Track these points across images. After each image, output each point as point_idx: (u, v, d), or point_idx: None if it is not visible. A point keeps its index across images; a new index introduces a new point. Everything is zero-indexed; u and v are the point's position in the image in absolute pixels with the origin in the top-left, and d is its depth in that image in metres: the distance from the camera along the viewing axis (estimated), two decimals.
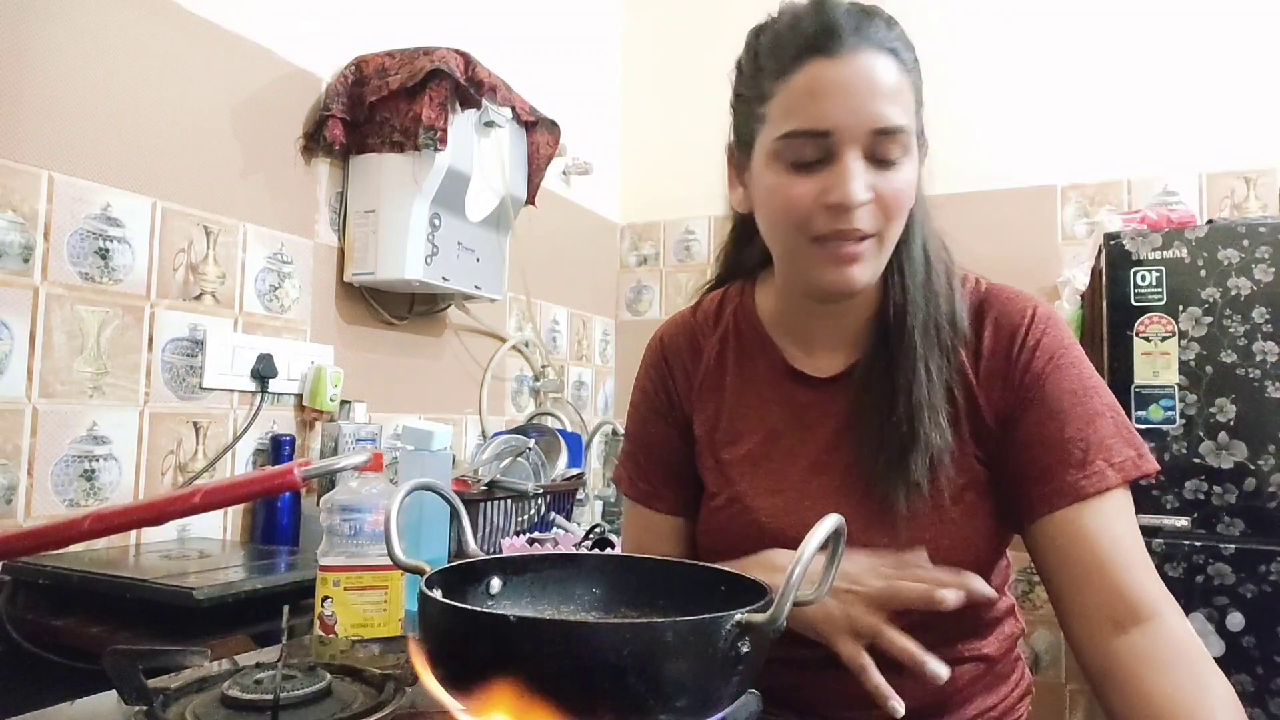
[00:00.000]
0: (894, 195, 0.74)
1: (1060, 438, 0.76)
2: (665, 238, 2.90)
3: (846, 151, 0.72)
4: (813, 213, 0.74)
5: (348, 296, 1.79)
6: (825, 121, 0.72)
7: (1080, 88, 2.35)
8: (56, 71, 1.28)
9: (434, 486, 0.70)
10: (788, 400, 0.87)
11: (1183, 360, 1.72)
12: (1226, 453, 1.68)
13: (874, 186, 0.73)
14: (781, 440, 0.86)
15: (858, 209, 0.73)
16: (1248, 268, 1.68)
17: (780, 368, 0.88)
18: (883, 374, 0.81)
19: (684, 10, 2.88)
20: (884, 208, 0.74)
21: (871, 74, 0.72)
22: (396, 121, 1.66)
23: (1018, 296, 0.83)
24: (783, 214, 0.76)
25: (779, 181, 0.76)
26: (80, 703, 0.67)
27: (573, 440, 1.95)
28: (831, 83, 0.72)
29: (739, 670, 0.51)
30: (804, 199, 0.74)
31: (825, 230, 0.74)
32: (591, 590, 0.68)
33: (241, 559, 1.27)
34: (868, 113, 0.72)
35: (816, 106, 0.72)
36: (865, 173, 0.73)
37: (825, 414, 0.85)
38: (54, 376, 1.27)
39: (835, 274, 0.76)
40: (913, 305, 0.80)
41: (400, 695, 0.65)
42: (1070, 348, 0.79)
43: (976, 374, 0.80)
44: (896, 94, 0.73)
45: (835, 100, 0.72)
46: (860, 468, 0.81)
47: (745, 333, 0.91)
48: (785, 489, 0.84)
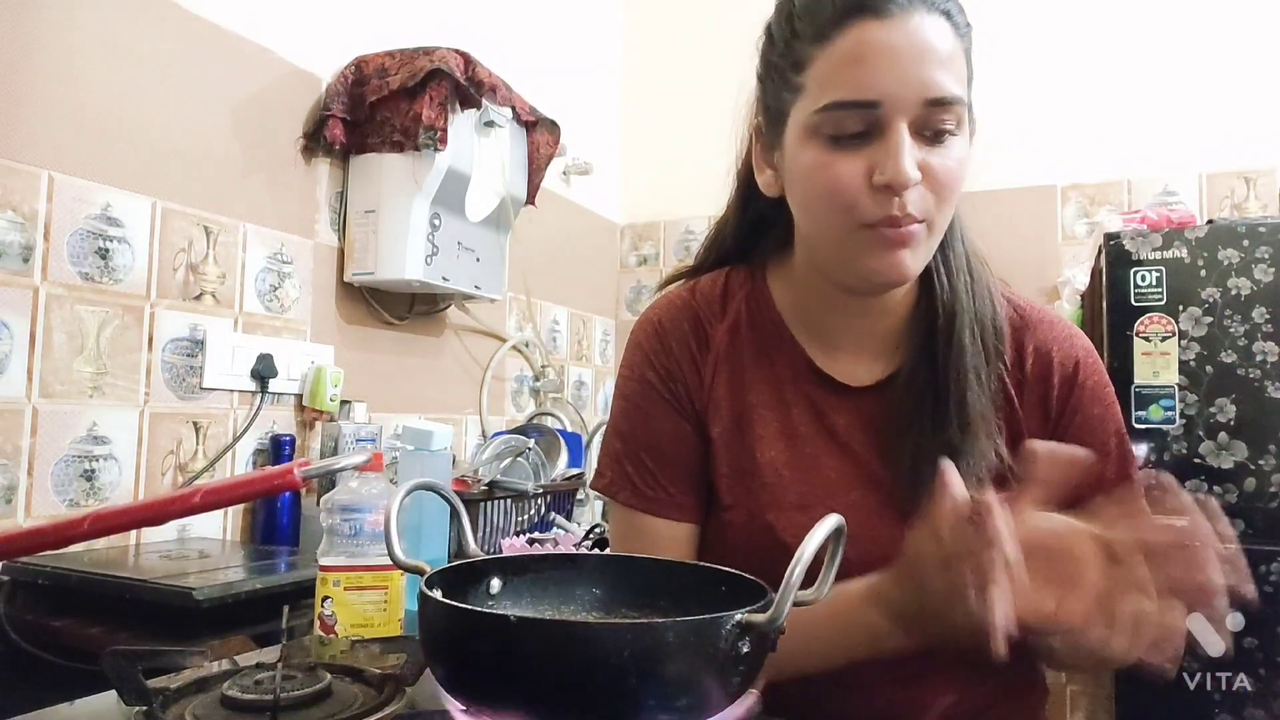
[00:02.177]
0: (946, 174, 0.67)
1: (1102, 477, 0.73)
2: (665, 238, 2.90)
3: (896, 124, 0.64)
4: (859, 194, 0.66)
5: (348, 296, 1.79)
6: (873, 91, 0.64)
7: (1080, 88, 2.35)
8: (56, 71, 1.28)
9: (434, 486, 0.70)
10: (811, 405, 0.79)
11: (1183, 360, 1.72)
12: (1226, 453, 1.68)
13: (925, 164, 0.66)
14: (806, 450, 0.78)
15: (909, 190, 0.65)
16: (1248, 268, 1.68)
17: (803, 369, 0.80)
18: (925, 385, 0.74)
19: (684, 10, 2.88)
20: (935, 188, 0.67)
21: (925, 37, 0.64)
22: (397, 121, 1.66)
23: (1059, 323, 0.80)
24: (825, 196, 0.68)
25: (819, 160, 0.68)
26: (80, 703, 0.66)
27: (573, 440, 1.95)
28: (880, 46, 0.64)
29: (739, 670, 0.51)
30: (850, 179, 0.66)
31: (874, 216, 0.67)
32: (592, 590, 0.68)
33: (241, 559, 1.27)
34: (920, 81, 0.64)
35: (863, 74, 0.64)
36: (915, 149, 0.65)
37: (855, 424, 0.78)
38: (54, 376, 1.26)
39: (885, 260, 0.68)
40: (961, 306, 0.74)
41: (400, 695, 0.65)
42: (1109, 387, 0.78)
43: (1020, 396, 0.76)
44: (950, 60, 0.65)
45: (884, 67, 0.64)
46: (901, 485, 0.73)
47: (762, 326, 0.82)
48: (814, 505, 0.75)
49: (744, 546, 0.77)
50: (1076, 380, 0.76)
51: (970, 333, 0.74)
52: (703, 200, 2.74)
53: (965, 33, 0.69)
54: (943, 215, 0.69)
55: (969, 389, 0.72)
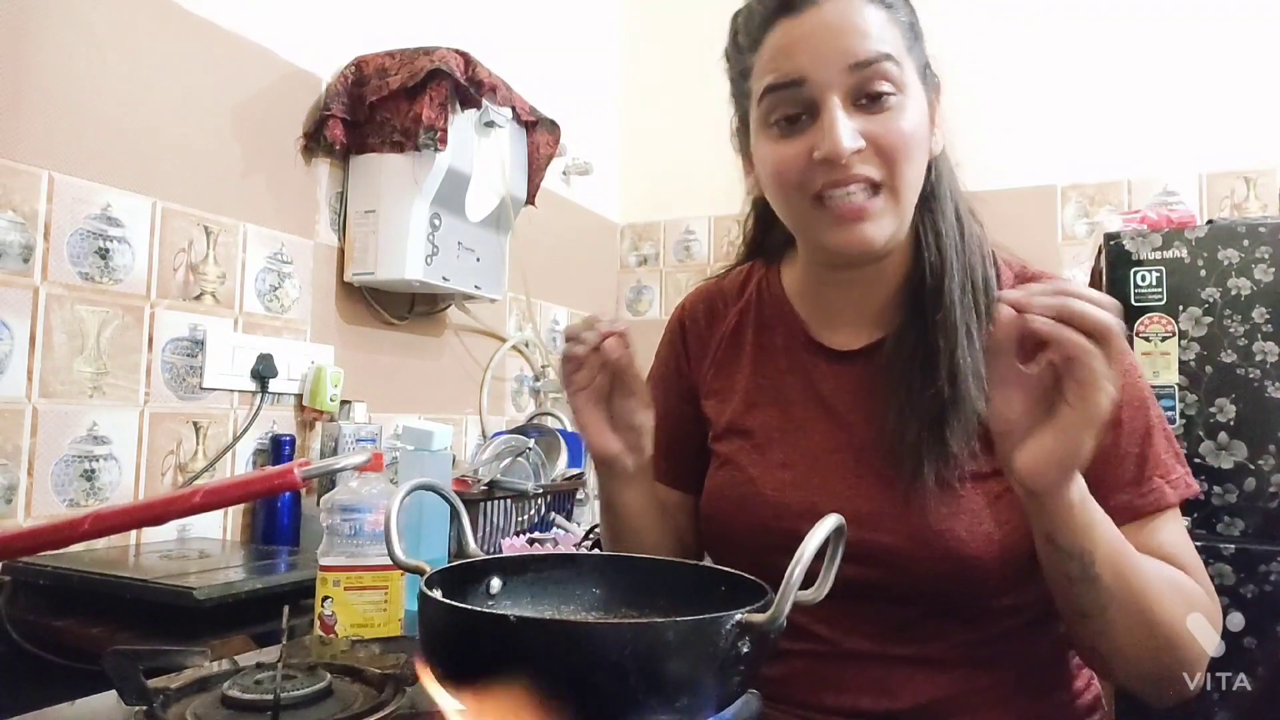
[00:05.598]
0: (890, 136, 0.69)
1: (1116, 452, 0.72)
2: (665, 238, 2.90)
3: (827, 99, 0.69)
4: (805, 171, 0.70)
5: (348, 296, 1.79)
6: (795, 71, 0.69)
7: (1080, 88, 2.35)
8: (56, 71, 1.28)
9: (434, 486, 0.70)
10: (804, 373, 0.83)
11: (1183, 360, 1.71)
12: (1226, 453, 1.67)
13: (867, 132, 0.69)
14: (795, 413, 0.82)
15: (849, 157, 0.68)
16: (1248, 268, 1.68)
17: (800, 339, 0.84)
18: (915, 345, 0.75)
19: (684, 10, 2.88)
20: (882, 152, 0.69)
21: (841, 16, 0.69)
22: (397, 121, 1.66)
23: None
24: (778, 179, 0.73)
25: (770, 150, 0.73)
26: (80, 703, 0.67)
27: (573, 440, 1.95)
28: (799, 34, 0.70)
29: (739, 670, 0.51)
30: (795, 159, 0.71)
31: (821, 186, 0.70)
32: (591, 590, 0.68)
33: (241, 559, 1.27)
34: (838, 50, 0.68)
35: (785, 60, 0.70)
36: (853, 119, 0.69)
37: (842, 389, 0.81)
38: (54, 376, 1.26)
39: (845, 233, 0.71)
40: (949, 266, 0.75)
41: (400, 695, 0.65)
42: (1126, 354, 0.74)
43: None
44: (873, 28, 0.69)
45: (803, 48, 0.69)
46: (880, 445, 0.75)
47: (767, 304, 0.88)
48: (795, 463, 0.79)
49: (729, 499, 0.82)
50: None
51: (961, 289, 0.75)
52: (703, 200, 2.76)
53: (897, 4, 0.72)
54: (900, 178, 0.70)
55: (958, 346, 0.73)
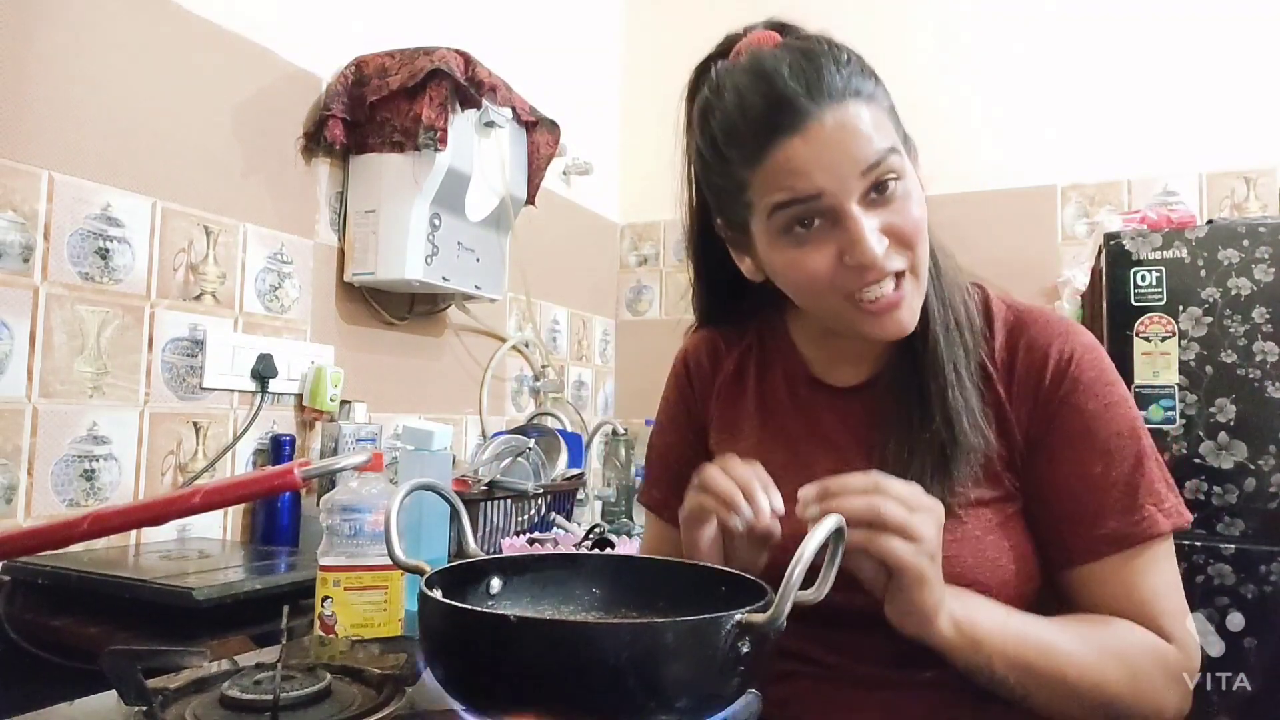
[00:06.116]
0: (908, 226, 0.71)
1: (1105, 479, 0.74)
2: (665, 238, 2.90)
3: (847, 208, 0.69)
4: (835, 276, 0.71)
5: (348, 296, 1.79)
6: (810, 188, 0.69)
7: (1080, 88, 2.35)
8: (56, 71, 1.28)
9: (434, 486, 0.70)
10: (805, 409, 0.85)
11: (1183, 360, 1.71)
12: (1227, 453, 1.67)
13: (885, 227, 0.70)
14: (799, 450, 0.83)
15: (880, 260, 0.70)
16: (1248, 268, 1.68)
17: (800, 376, 0.86)
18: (908, 379, 0.78)
19: (684, 10, 2.88)
20: (903, 241, 0.71)
21: (842, 131, 0.68)
22: (397, 121, 1.66)
23: (1061, 322, 0.80)
24: (807, 286, 0.74)
25: (791, 258, 0.73)
26: (79, 703, 0.66)
27: (573, 440, 1.95)
28: (807, 156, 0.68)
29: (739, 670, 0.51)
30: (824, 267, 0.71)
31: (856, 288, 0.71)
32: (591, 590, 0.68)
33: (241, 559, 1.27)
34: (851, 161, 0.68)
35: (798, 179, 0.69)
36: (869, 216, 0.69)
37: (843, 425, 0.82)
38: (54, 376, 1.26)
39: (882, 325, 0.73)
40: (930, 307, 0.77)
41: (400, 695, 0.65)
42: (1116, 384, 0.77)
43: (1009, 390, 0.78)
44: (872, 128, 0.69)
45: (815, 168, 0.68)
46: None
47: (769, 342, 0.90)
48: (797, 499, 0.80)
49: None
50: (1069, 373, 0.76)
51: (945, 326, 0.77)
52: None
53: (876, 91, 0.72)
54: (920, 260, 0.73)
55: (949, 386, 0.75)
